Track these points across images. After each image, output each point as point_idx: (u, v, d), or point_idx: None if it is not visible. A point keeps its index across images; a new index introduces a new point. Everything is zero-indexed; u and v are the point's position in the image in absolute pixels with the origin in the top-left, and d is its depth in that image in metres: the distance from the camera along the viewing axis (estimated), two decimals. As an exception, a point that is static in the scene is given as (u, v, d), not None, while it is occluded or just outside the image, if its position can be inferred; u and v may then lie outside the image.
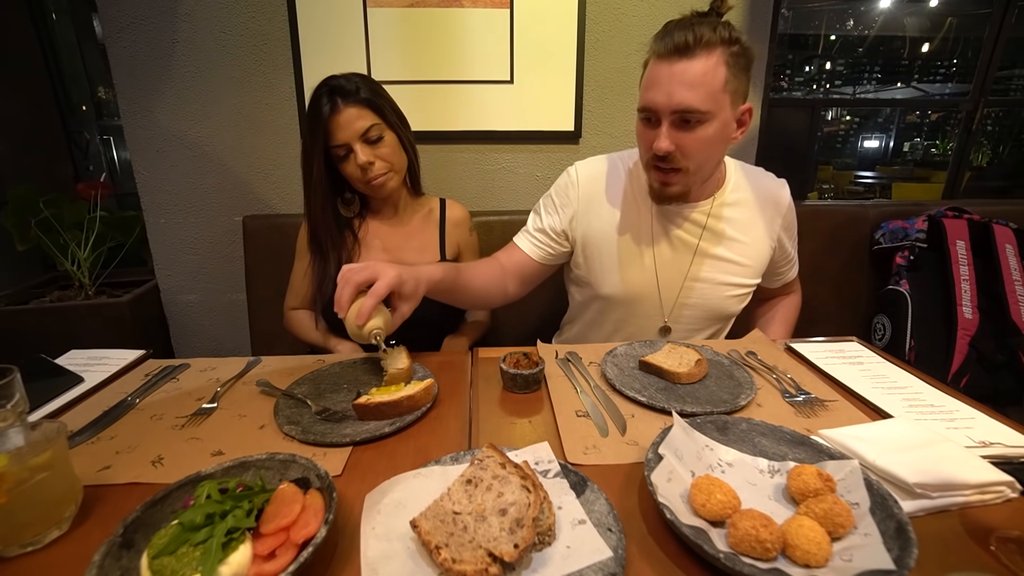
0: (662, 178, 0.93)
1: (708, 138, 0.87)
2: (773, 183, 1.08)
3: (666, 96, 0.85)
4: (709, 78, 0.83)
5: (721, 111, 0.87)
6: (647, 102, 0.88)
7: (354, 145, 1.03)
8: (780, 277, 1.16)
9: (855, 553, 0.45)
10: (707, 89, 0.84)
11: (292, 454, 0.56)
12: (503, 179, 1.70)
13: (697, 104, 0.84)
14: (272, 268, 1.45)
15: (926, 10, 4.27)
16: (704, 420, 0.64)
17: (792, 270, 1.17)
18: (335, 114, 1.01)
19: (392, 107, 1.09)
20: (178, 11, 1.49)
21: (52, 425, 0.54)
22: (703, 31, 0.83)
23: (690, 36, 0.82)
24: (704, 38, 0.82)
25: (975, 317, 1.44)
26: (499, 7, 1.53)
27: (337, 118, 1.01)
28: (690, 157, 0.89)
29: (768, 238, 1.06)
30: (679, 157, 0.89)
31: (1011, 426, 0.66)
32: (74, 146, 2.14)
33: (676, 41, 0.83)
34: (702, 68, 0.83)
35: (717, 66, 0.84)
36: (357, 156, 1.03)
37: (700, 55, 0.83)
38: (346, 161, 1.05)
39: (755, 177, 1.07)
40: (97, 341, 0.97)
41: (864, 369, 0.84)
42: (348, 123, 1.02)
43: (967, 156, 2.35)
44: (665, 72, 0.85)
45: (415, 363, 0.84)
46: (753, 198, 1.05)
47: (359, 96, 1.03)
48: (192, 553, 0.42)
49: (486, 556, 0.42)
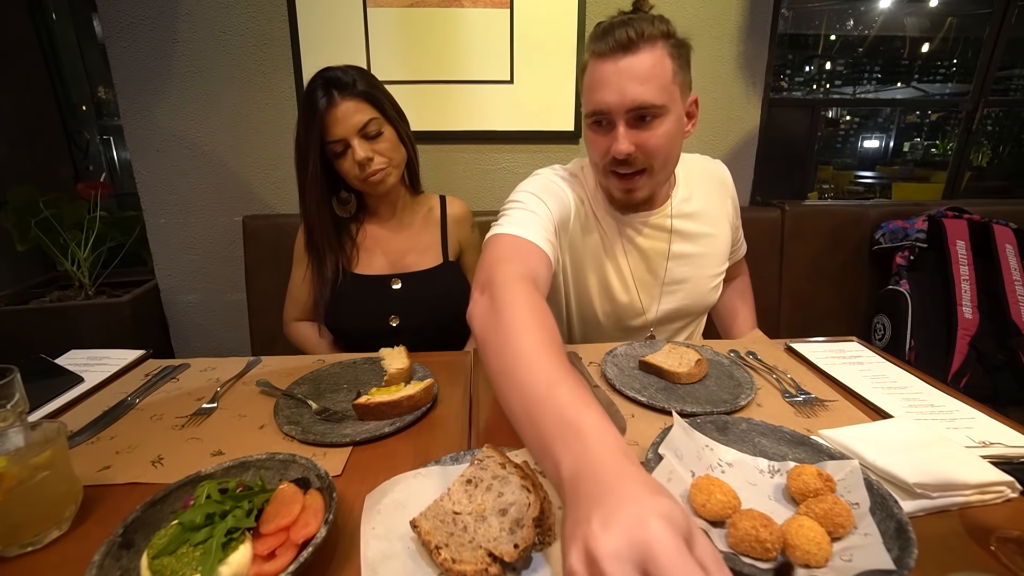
0: (625, 184, 0.88)
1: (667, 133, 0.84)
2: (712, 166, 1.07)
3: (618, 94, 0.80)
4: (658, 71, 0.80)
5: (674, 104, 0.84)
6: (597, 104, 0.83)
7: (352, 140, 0.98)
8: (734, 255, 1.14)
9: (855, 553, 0.45)
10: (659, 82, 0.80)
11: (292, 454, 0.56)
12: (503, 179, 1.71)
13: (652, 98, 0.80)
14: (272, 268, 1.45)
15: (926, 10, 4.27)
16: (704, 420, 0.64)
17: (741, 248, 1.17)
18: (332, 108, 0.96)
19: (390, 101, 1.05)
20: (178, 11, 1.49)
21: (52, 425, 0.54)
22: (643, 26, 0.79)
23: (632, 31, 0.79)
24: (646, 32, 0.79)
25: (975, 317, 1.45)
26: (499, 7, 1.53)
27: (334, 112, 0.97)
28: (652, 156, 0.85)
29: (727, 222, 1.06)
30: (640, 158, 0.85)
31: (1011, 426, 0.66)
32: (74, 146, 2.14)
33: (618, 38, 0.79)
34: (650, 61, 0.80)
35: (663, 58, 0.81)
36: (355, 152, 0.98)
37: (644, 49, 0.80)
38: (343, 157, 1.01)
39: (697, 166, 1.06)
40: (97, 341, 0.97)
41: (864, 369, 0.84)
42: (346, 117, 0.97)
43: (967, 156, 2.35)
44: (612, 70, 0.81)
45: (415, 363, 0.84)
46: (703, 187, 1.03)
47: (356, 89, 0.98)
48: (192, 553, 0.42)
49: (486, 556, 0.42)
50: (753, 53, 1.65)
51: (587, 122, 0.88)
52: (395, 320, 1.10)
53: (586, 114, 0.87)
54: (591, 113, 0.85)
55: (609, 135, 0.85)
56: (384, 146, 1.02)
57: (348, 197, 1.12)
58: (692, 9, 1.60)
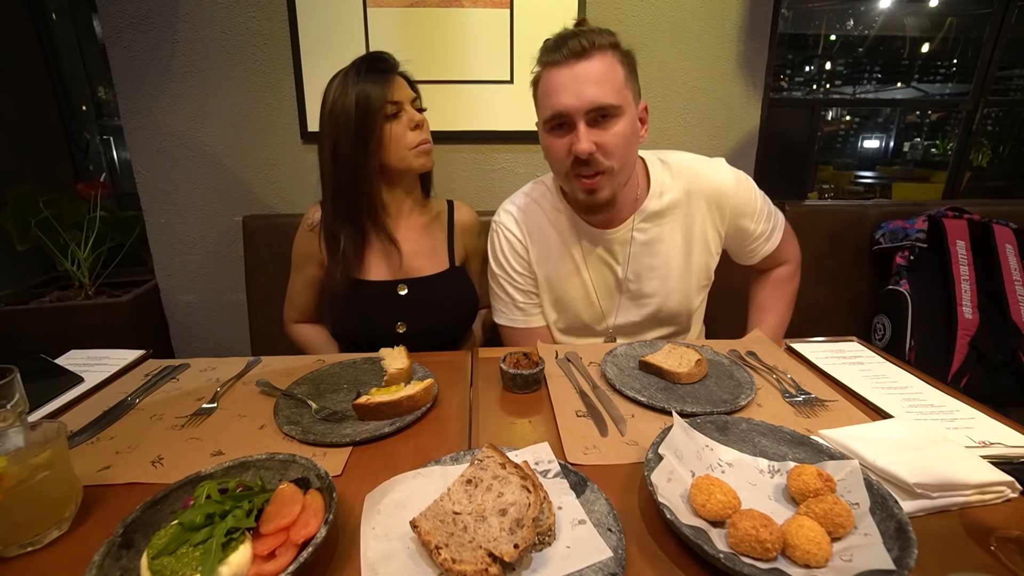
0: (588, 185, 0.91)
1: (624, 133, 0.88)
2: (708, 175, 1.01)
3: (576, 97, 0.85)
4: (611, 74, 0.86)
5: (628, 107, 0.88)
6: (556, 107, 0.87)
7: (405, 105, 1.02)
8: (754, 254, 1.10)
9: (855, 553, 0.45)
10: (613, 84, 0.86)
11: (292, 454, 0.56)
12: (503, 179, 1.70)
13: (609, 98, 0.85)
14: (272, 268, 1.45)
15: (926, 10, 4.27)
16: (704, 420, 0.64)
17: (767, 244, 1.08)
18: (393, 73, 1.02)
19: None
20: (178, 11, 1.49)
21: (52, 425, 0.55)
22: (593, 36, 0.86)
23: (584, 41, 0.85)
24: (596, 42, 0.85)
25: (975, 317, 1.45)
26: (499, 7, 1.53)
27: (395, 77, 1.02)
28: (612, 154, 0.88)
29: (713, 235, 1.03)
30: (601, 158, 0.88)
31: (1011, 426, 0.66)
32: (74, 146, 2.14)
33: (571, 47, 0.85)
34: (602, 66, 0.85)
35: (614, 64, 0.87)
36: (411, 115, 1.02)
37: (596, 56, 0.85)
38: (395, 120, 1.01)
39: (686, 174, 1.02)
40: (97, 341, 0.97)
41: (864, 369, 0.84)
42: (401, 86, 1.02)
43: (967, 156, 2.35)
44: (568, 75, 0.86)
45: (415, 363, 0.84)
46: (686, 199, 1.01)
47: (402, 72, 1.05)
48: (192, 553, 0.42)
49: (486, 556, 0.42)
50: (753, 53, 1.65)
51: (545, 128, 0.93)
52: (402, 327, 1.08)
53: (544, 120, 0.92)
54: (551, 117, 0.89)
55: (569, 137, 0.88)
56: (427, 125, 1.06)
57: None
58: (692, 9, 1.60)
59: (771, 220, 1.08)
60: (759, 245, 1.09)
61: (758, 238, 1.08)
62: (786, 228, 1.12)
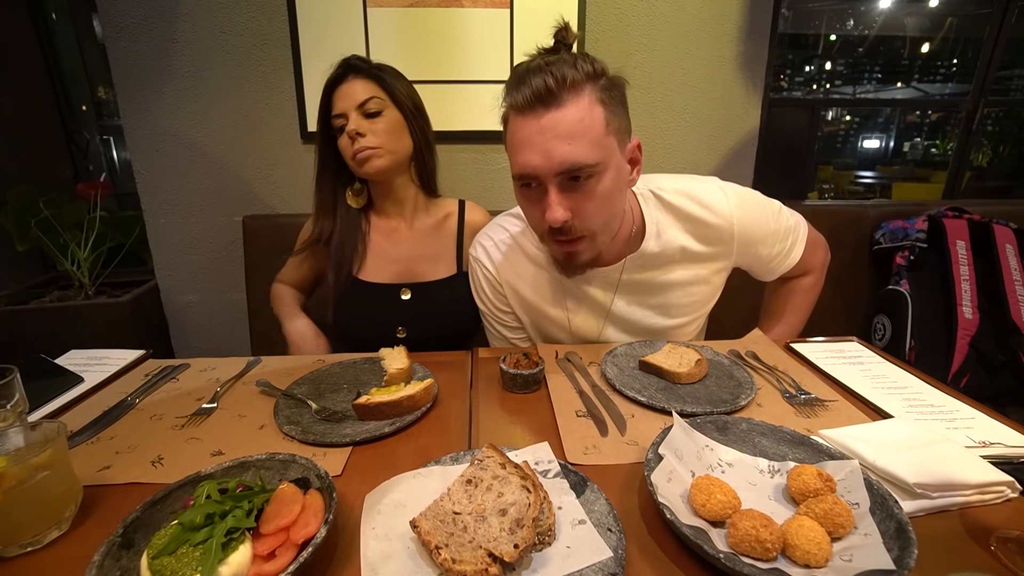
0: (566, 250, 0.81)
1: (605, 193, 0.75)
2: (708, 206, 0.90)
3: (544, 157, 0.71)
4: (587, 124, 0.70)
5: (611, 157, 0.74)
6: (523, 167, 0.74)
7: (349, 114, 0.98)
8: (772, 273, 1.04)
9: (855, 553, 0.45)
10: (589, 137, 0.71)
11: (292, 454, 0.56)
12: (503, 179, 1.70)
13: (583, 158, 0.71)
14: (272, 268, 1.45)
15: (926, 10, 4.27)
16: (704, 420, 0.64)
17: (786, 260, 1.01)
18: (340, 84, 0.99)
19: (407, 92, 1.04)
20: (178, 11, 1.49)
21: (52, 425, 0.54)
22: (564, 71, 0.70)
23: (550, 80, 0.69)
24: (568, 78, 0.70)
25: (975, 317, 1.45)
26: (499, 7, 1.54)
27: (341, 88, 0.99)
28: (590, 219, 0.76)
29: (716, 271, 0.96)
30: (577, 224, 0.76)
31: (1011, 426, 0.66)
32: (74, 146, 2.14)
33: (535, 88, 0.70)
34: (575, 114, 0.70)
35: (591, 107, 0.71)
36: (348, 123, 0.98)
37: (568, 100, 0.70)
38: (342, 135, 1.00)
39: (684, 216, 0.91)
40: (97, 341, 0.97)
41: (864, 369, 0.84)
42: (350, 93, 0.99)
43: (967, 156, 2.35)
44: (534, 128, 0.71)
45: (415, 363, 0.84)
46: (680, 244, 0.91)
47: (368, 71, 1.00)
48: (192, 553, 0.42)
49: (486, 556, 0.42)
50: (753, 53, 1.65)
51: (516, 185, 0.80)
52: (402, 332, 1.07)
53: (513, 176, 0.79)
54: (518, 176, 0.77)
55: (541, 201, 0.76)
56: (381, 127, 1.00)
57: (361, 188, 1.11)
58: (692, 9, 1.61)
59: (789, 236, 0.98)
60: (777, 264, 1.01)
61: (775, 258, 1.00)
62: (809, 237, 1.03)
